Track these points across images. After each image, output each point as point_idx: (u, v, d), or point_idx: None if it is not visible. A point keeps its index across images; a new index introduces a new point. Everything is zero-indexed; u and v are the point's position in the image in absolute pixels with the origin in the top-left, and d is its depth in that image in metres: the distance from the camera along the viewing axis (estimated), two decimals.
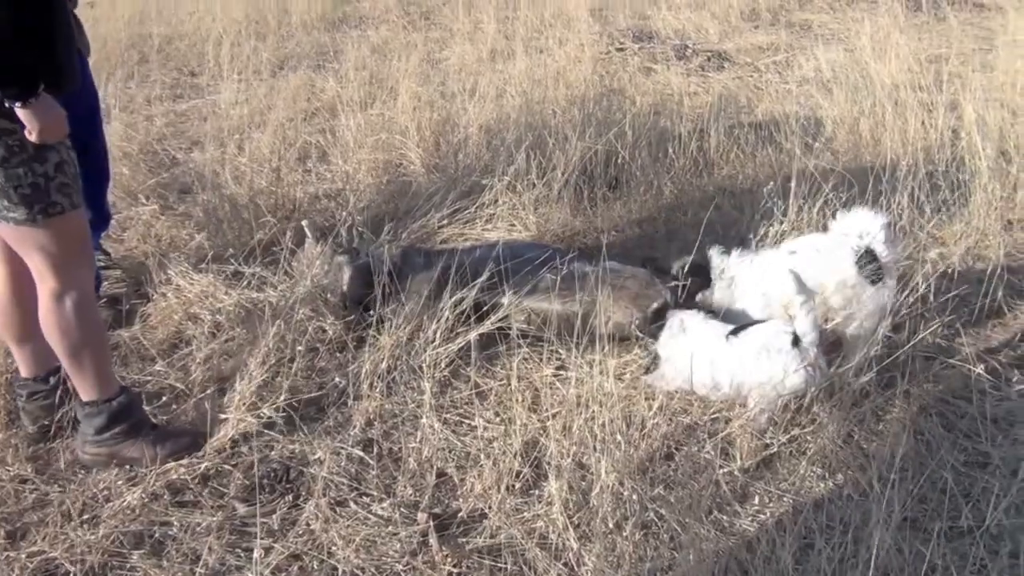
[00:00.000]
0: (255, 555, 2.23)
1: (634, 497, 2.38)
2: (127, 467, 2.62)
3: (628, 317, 2.96)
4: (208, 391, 2.91)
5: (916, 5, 7.85)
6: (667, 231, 3.94)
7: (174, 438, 2.69)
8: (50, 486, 2.55)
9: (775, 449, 2.64)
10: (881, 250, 2.87)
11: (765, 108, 4.98)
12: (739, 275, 3.06)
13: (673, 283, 3.13)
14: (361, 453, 2.68)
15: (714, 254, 3.12)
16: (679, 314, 2.89)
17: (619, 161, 4.39)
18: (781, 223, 3.56)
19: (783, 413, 2.69)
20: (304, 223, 3.47)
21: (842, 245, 2.92)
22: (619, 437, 2.50)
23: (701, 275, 3.07)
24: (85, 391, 2.59)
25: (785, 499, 2.49)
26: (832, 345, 2.94)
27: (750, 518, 2.42)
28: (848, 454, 2.61)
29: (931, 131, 4.51)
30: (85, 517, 2.43)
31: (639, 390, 2.88)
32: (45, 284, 2.43)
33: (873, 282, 2.86)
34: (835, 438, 2.64)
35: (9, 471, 2.59)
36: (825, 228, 3.37)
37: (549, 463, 2.52)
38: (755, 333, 2.71)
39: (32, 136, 2.20)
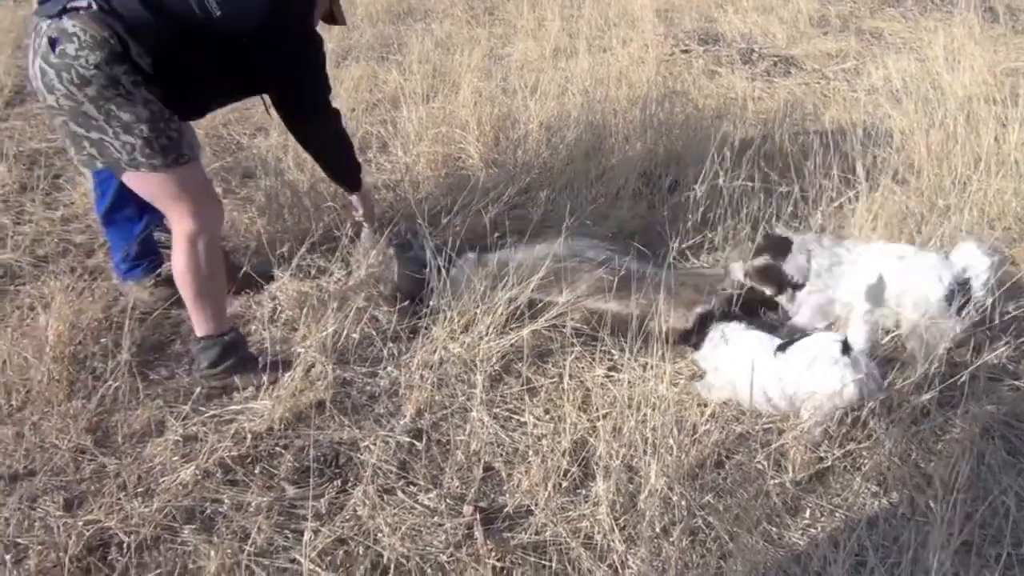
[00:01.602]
0: (305, 537, 2.25)
1: (683, 503, 2.35)
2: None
3: (683, 322, 2.93)
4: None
5: (993, 16, 7.61)
6: (724, 235, 3.89)
7: (273, 367, 2.95)
8: (107, 458, 2.62)
9: (829, 463, 2.59)
10: (977, 289, 2.82)
11: (832, 116, 4.87)
12: (846, 261, 2.98)
13: (730, 291, 3.09)
14: (411, 440, 2.70)
15: (796, 244, 3.05)
16: (720, 325, 2.85)
17: (680, 163, 4.34)
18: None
19: (838, 427, 2.63)
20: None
21: (942, 270, 2.86)
22: (671, 442, 2.47)
23: (785, 250, 3.02)
24: (202, 326, 2.90)
25: (838, 515, 2.44)
26: (888, 360, 2.87)
27: (800, 532, 2.38)
28: (905, 472, 2.54)
29: (1004, 146, 4.37)
30: (140, 490, 2.49)
31: (691, 396, 2.85)
32: (182, 227, 2.77)
33: (957, 313, 2.81)
34: (892, 455, 2.57)
35: (69, 441, 2.66)
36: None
37: (597, 463, 2.50)
38: (805, 345, 2.65)
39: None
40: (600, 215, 3.88)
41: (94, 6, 2.52)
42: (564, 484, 2.49)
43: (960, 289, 2.84)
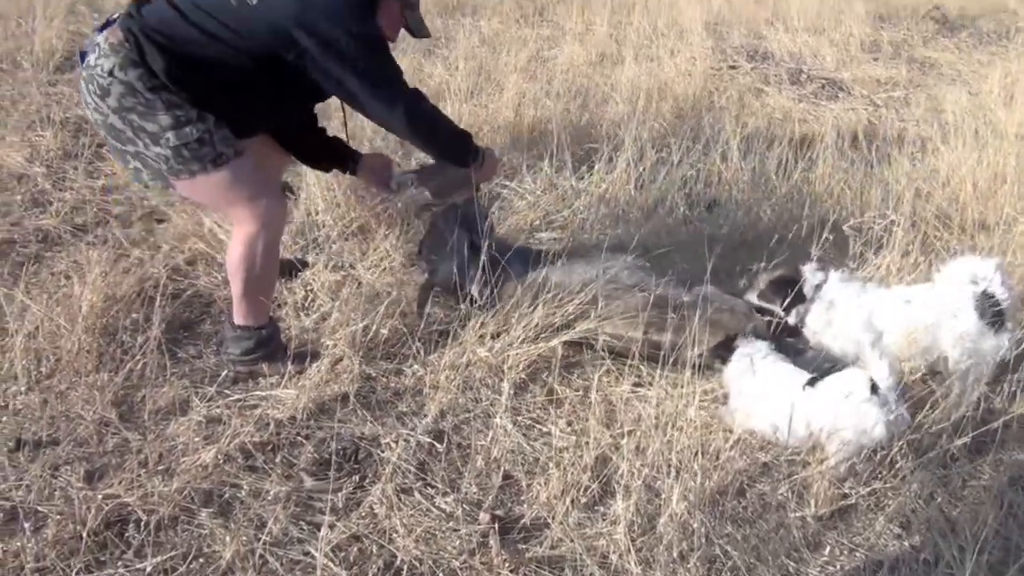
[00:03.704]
0: (322, 532, 2.25)
1: (702, 530, 2.32)
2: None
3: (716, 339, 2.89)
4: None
5: None
6: (763, 257, 3.85)
7: (300, 358, 2.95)
8: (131, 433, 2.63)
9: (853, 500, 2.54)
10: (1000, 293, 2.75)
11: (879, 145, 4.80)
12: (840, 301, 2.97)
13: (769, 317, 3.06)
14: (431, 441, 2.69)
15: (808, 270, 3.05)
16: (748, 348, 2.82)
17: (720, 181, 4.31)
18: (879, 268, 3.45)
19: (865, 463, 2.59)
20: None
21: (958, 293, 2.81)
22: (695, 466, 2.44)
23: (791, 290, 3.00)
24: (241, 315, 2.88)
25: (858, 554, 2.40)
26: (920, 400, 2.83)
27: (819, 569, 2.34)
28: (929, 516, 2.50)
29: None
30: (161, 468, 2.50)
31: (717, 419, 2.82)
32: (241, 227, 2.75)
33: (996, 329, 2.75)
34: (918, 497, 2.53)
35: (94, 413, 2.68)
36: (930, 276, 3.28)
37: (619, 482, 2.48)
38: (833, 381, 2.61)
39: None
40: (636, 226, 3.84)
41: (124, 13, 2.54)
42: (583, 500, 2.47)
43: (986, 300, 2.79)
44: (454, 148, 3.00)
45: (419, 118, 2.82)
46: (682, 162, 4.33)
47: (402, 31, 2.92)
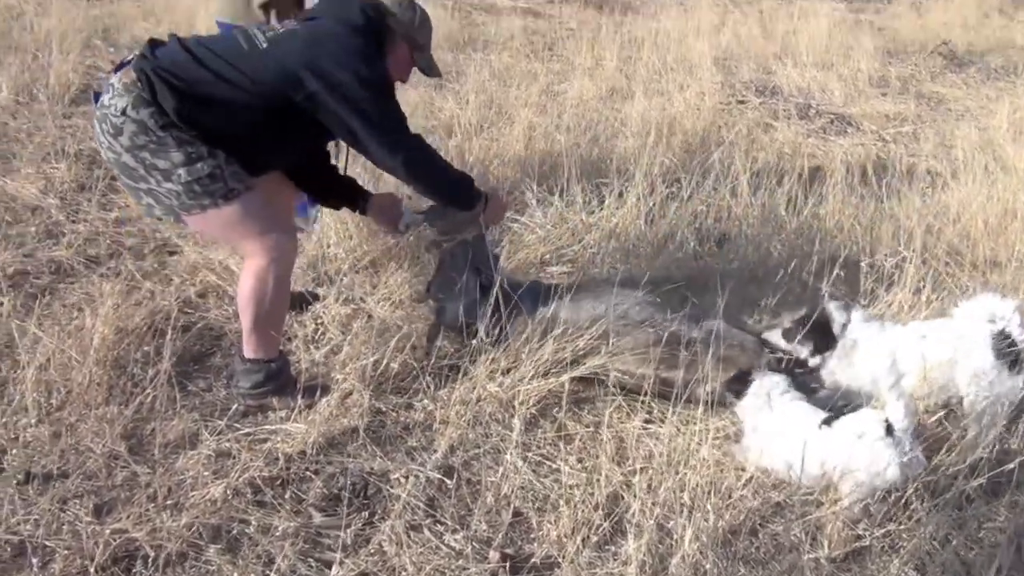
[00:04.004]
0: (332, 571, 2.23)
1: (715, 571, 2.30)
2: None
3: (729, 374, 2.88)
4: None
5: None
6: (773, 293, 3.84)
7: (310, 391, 2.95)
8: (140, 466, 2.62)
9: (867, 542, 2.51)
10: (1018, 334, 2.74)
11: (889, 181, 4.80)
12: (862, 341, 2.96)
13: (783, 354, 3.05)
14: (441, 477, 2.67)
15: (833, 308, 3.04)
16: (766, 383, 2.80)
17: (730, 216, 4.32)
18: (890, 305, 3.45)
19: (880, 504, 2.57)
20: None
21: (975, 330, 2.80)
22: (708, 506, 2.42)
23: (820, 331, 2.99)
24: (252, 349, 2.87)
25: None
26: (936, 440, 2.80)
27: None
28: (944, 559, 2.46)
29: None
30: (170, 502, 2.48)
31: (729, 457, 2.80)
32: (252, 261, 2.76)
33: (1012, 369, 2.74)
34: (933, 539, 2.50)
35: (104, 446, 2.67)
36: (943, 313, 3.27)
37: (630, 521, 2.46)
38: (848, 421, 2.60)
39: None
40: (648, 264, 3.85)
41: (138, 55, 2.62)
42: (594, 538, 2.45)
43: (1002, 339, 2.78)
44: (455, 195, 3.06)
45: (419, 165, 2.86)
46: (692, 197, 4.34)
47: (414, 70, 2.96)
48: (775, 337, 3.15)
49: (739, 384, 2.86)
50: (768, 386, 2.79)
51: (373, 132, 2.73)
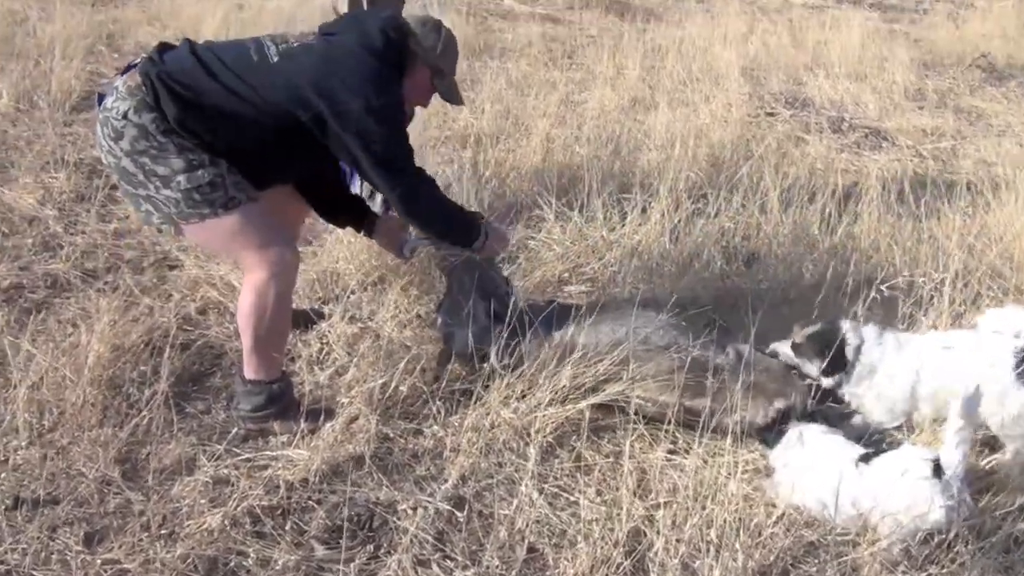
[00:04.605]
0: None
1: None
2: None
3: (762, 417, 2.84)
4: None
5: None
6: (802, 316, 3.79)
7: (314, 415, 2.91)
8: (134, 492, 2.59)
9: None
10: None
11: (926, 199, 4.73)
12: (881, 365, 2.95)
13: (809, 380, 3.01)
14: (451, 509, 2.62)
15: (847, 327, 3.02)
16: (799, 426, 2.77)
17: (759, 235, 4.27)
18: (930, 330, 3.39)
19: (921, 546, 2.49)
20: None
21: (999, 346, 2.75)
22: (736, 544, 2.36)
23: (828, 350, 2.96)
24: (253, 370, 2.85)
25: None
26: (981, 477, 2.74)
27: None
28: None
29: None
30: (164, 532, 2.45)
31: (759, 492, 2.73)
32: (251, 275, 2.74)
33: None
34: None
35: (96, 471, 2.64)
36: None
37: (653, 559, 2.40)
38: (890, 460, 2.54)
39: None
40: (673, 284, 3.81)
41: (146, 58, 2.63)
42: None
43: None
44: (451, 234, 3.07)
45: (415, 202, 2.86)
46: (719, 213, 4.31)
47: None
48: (783, 348, 3.16)
49: (769, 432, 2.83)
50: (801, 428, 2.77)
51: (375, 162, 2.73)
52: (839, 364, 3.01)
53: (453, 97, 3.02)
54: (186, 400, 3.05)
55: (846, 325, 3.07)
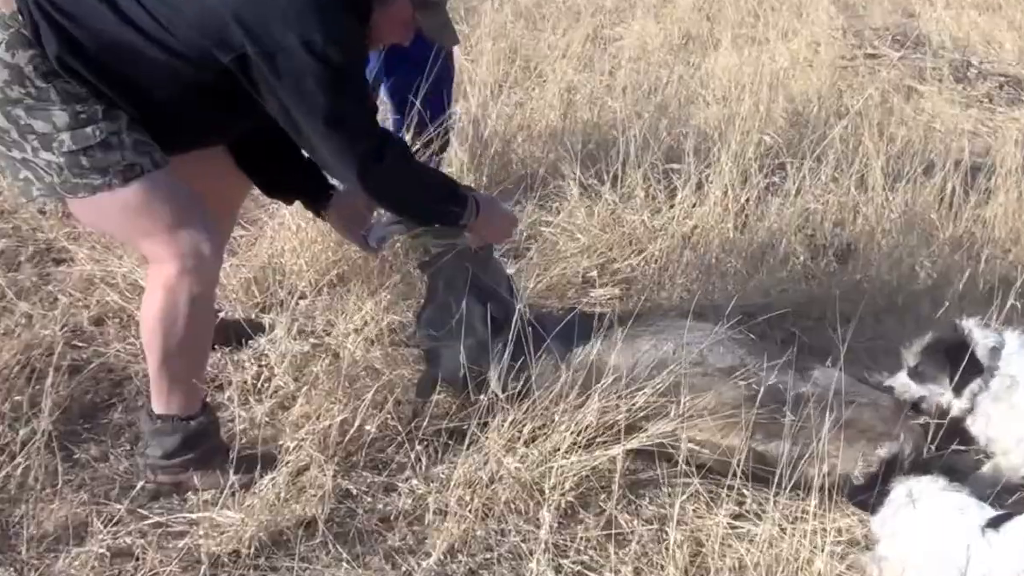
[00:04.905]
0: None
1: None
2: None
3: (864, 467, 2.85)
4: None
5: None
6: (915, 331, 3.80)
7: (248, 464, 2.88)
8: (3, 569, 2.58)
9: None
10: None
11: None
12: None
13: (924, 419, 3.00)
14: None
15: (974, 327, 3.06)
16: (909, 481, 2.77)
17: (857, 220, 4.27)
18: None
19: None
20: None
21: None
22: None
23: (955, 357, 2.99)
24: (162, 402, 2.84)
25: None
26: None
27: None
28: None
29: None
30: None
31: (858, 571, 2.73)
32: (157, 269, 2.73)
33: None
34: None
35: None
36: None
37: None
38: None
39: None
40: (738, 286, 3.81)
41: None
42: None
43: None
44: (434, 218, 3.09)
45: (381, 178, 2.82)
46: (802, 191, 4.32)
47: None
48: (901, 383, 3.18)
49: (870, 488, 2.84)
50: (911, 484, 2.76)
51: (318, 125, 2.68)
52: (973, 371, 3.02)
53: (444, 36, 3.01)
54: (75, 442, 3.05)
55: (970, 323, 3.10)
